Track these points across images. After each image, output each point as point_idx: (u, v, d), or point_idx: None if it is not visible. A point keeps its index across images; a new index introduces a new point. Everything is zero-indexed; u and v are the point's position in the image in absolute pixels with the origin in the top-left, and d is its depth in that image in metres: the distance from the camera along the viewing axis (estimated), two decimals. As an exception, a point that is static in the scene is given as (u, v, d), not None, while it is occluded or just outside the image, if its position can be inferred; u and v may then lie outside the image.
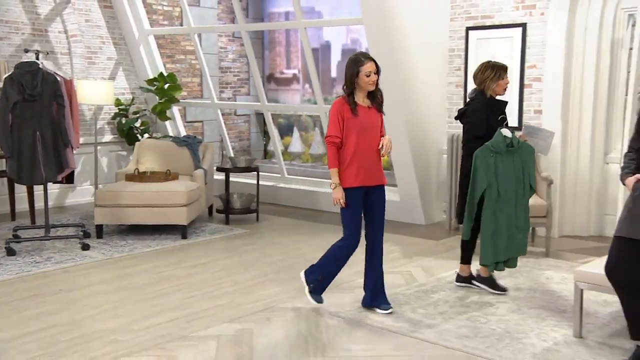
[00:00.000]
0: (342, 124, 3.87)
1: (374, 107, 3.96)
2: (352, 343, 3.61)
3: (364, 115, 3.90)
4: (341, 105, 3.89)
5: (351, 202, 3.95)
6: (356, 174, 3.90)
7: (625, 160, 3.21)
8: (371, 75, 3.83)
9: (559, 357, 3.40)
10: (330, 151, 3.93)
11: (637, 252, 3.06)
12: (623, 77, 5.75)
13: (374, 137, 3.93)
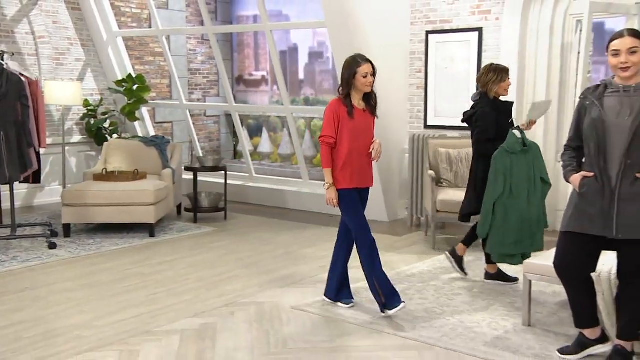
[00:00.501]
0: (337, 124, 3.81)
1: (368, 110, 3.92)
2: (312, 335, 3.64)
3: (359, 117, 3.85)
4: (337, 106, 3.84)
5: (350, 203, 3.89)
6: (351, 176, 3.86)
7: (565, 159, 3.29)
8: (368, 76, 3.79)
9: (507, 345, 3.49)
10: (324, 151, 3.86)
11: (583, 247, 3.15)
12: (573, 79, 5.90)
13: (367, 140, 3.90)
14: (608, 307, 3.39)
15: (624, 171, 2.98)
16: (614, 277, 3.31)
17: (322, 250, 5.57)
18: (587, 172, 3.12)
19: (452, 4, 6.38)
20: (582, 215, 3.10)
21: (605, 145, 3.03)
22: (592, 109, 3.10)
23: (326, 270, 4.94)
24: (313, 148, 9.22)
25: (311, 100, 10.85)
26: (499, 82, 4.43)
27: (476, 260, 5.19)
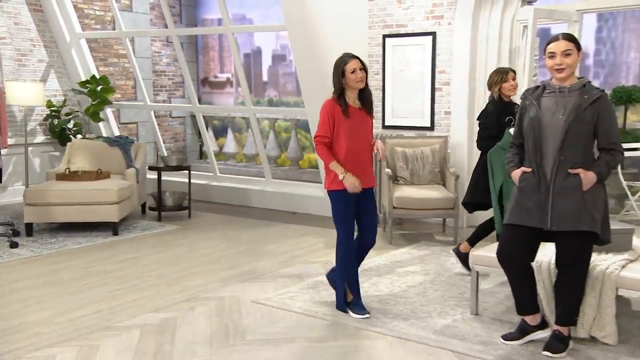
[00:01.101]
0: (332, 124, 3.67)
1: (364, 109, 3.76)
2: (271, 327, 3.67)
3: (355, 116, 3.70)
4: (332, 106, 3.69)
5: (341, 206, 3.74)
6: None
7: (509, 155, 3.40)
8: (356, 71, 3.63)
9: (455, 333, 3.58)
10: (321, 150, 3.70)
11: (523, 238, 3.26)
12: (521, 83, 6.05)
13: (365, 139, 3.74)
14: (548, 295, 3.51)
15: (557, 167, 3.10)
16: (553, 267, 3.43)
17: (284, 247, 5.60)
18: (526, 167, 3.23)
19: (407, 9, 6.48)
20: (521, 209, 3.21)
21: (541, 143, 3.14)
22: (530, 109, 3.21)
23: (287, 265, 5.01)
24: (277, 148, 9.23)
25: (275, 101, 10.87)
26: (501, 83, 4.58)
27: (431, 255, 5.30)
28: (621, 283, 3.35)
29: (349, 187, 3.65)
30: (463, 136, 6.25)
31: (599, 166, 3.10)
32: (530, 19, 5.31)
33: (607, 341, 3.35)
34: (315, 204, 7.07)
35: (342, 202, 3.75)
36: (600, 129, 3.10)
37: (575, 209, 3.07)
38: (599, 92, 3.10)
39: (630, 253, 3.61)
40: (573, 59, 3.09)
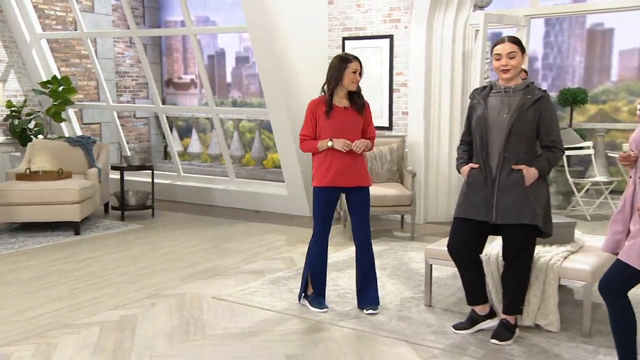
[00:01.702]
0: (314, 124, 3.65)
1: (353, 108, 3.69)
2: (231, 322, 3.67)
3: (339, 116, 3.64)
4: (315, 106, 3.68)
5: (320, 203, 3.71)
6: (325, 173, 3.65)
7: (458, 152, 3.47)
8: (357, 73, 3.61)
9: (410, 323, 3.64)
10: (304, 146, 3.71)
11: (471, 231, 3.34)
12: (474, 83, 6.18)
13: (350, 138, 3.64)
14: (496, 286, 3.60)
15: (502, 163, 3.19)
16: (501, 259, 3.52)
17: (246, 244, 5.59)
18: (474, 164, 3.31)
19: (365, 12, 6.54)
20: (469, 203, 3.29)
21: (487, 140, 3.22)
22: (478, 108, 3.29)
23: (249, 262, 5.00)
24: (241, 148, 9.20)
25: (239, 102, 10.83)
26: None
27: (389, 250, 5.36)
28: (563, 273, 3.46)
29: (340, 147, 3.59)
30: (419, 136, 6.34)
31: (540, 163, 3.20)
32: (481, 23, 5.43)
33: (551, 328, 3.46)
34: (278, 202, 7.08)
35: (320, 199, 3.72)
36: (542, 127, 3.19)
37: (518, 204, 3.16)
38: (541, 92, 3.20)
39: (572, 245, 3.74)
40: (517, 60, 3.18)
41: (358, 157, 3.70)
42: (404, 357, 3.18)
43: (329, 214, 3.76)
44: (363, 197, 3.77)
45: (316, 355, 3.20)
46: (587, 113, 8.12)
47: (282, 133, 6.59)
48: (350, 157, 3.65)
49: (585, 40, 8.44)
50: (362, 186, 3.75)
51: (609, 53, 8.19)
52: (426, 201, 6.44)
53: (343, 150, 3.60)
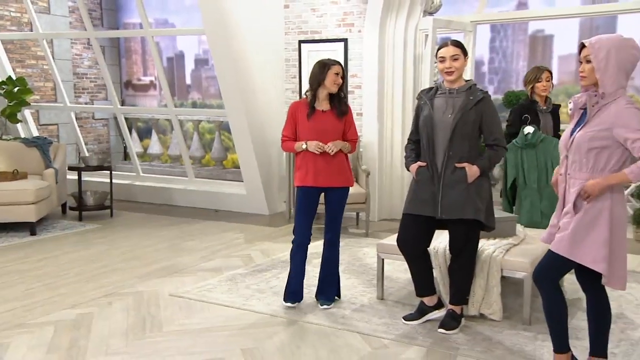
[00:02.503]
0: (294, 125, 3.67)
1: (332, 111, 3.68)
2: (188, 319, 3.64)
3: (318, 118, 3.64)
4: (296, 108, 3.69)
5: (300, 202, 3.70)
6: (305, 175, 3.65)
7: (407, 151, 3.54)
8: (338, 75, 3.61)
9: (362, 316, 3.68)
10: (285, 147, 3.74)
11: (419, 226, 3.40)
12: (424, 86, 6.28)
13: (327, 141, 3.63)
14: (443, 278, 3.68)
15: (447, 161, 3.26)
16: (448, 252, 3.60)
17: (204, 243, 5.55)
18: (421, 162, 3.38)
19: (320, 16, 6.58)
20: (417, 199, 3.36)
21: (433, 139, 3.29)
22: (424, 108, 3.36)
23: (207, 260, 4.96)
24: (201, 149, 9.10)
25: (198, 104, 10.72)
26: (534, 82, 4.36)
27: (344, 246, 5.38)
28: (505, 265, 3.57)
29: (313, 149, 3.61)
30: (374, 136, 6.42)
31: (482, 160, 3.29)
32: (431, 28, 5.53)
33: (494, 317, 3.56)
34: (237, 201, 7.05)
35: (301, 198, 3.70)
36: (484, 127, 3.28)
37: (461, 199, 3.24)
38: (483, 93, 3.29)
39: (514, 238, 3.85)
40: (460, 62, 3.26)
41: (337, 157, 3.68)
42: (356, 347, 3.22)
43: (310, 213, 3.74)
44: (341, 197, 3.77)
45: (271, 348, 3.21)
46: (530, 115, 8.34)
47: (241, 133, 6.57)
48: (328, 158, 3.65)
49: (528, 46, 8.72)
50: (343, 186, 3.74)
51: (549, 58, 8.48)
52: (380, 199, 6.52)
53: (316, 152, 3.62)
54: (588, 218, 2.59)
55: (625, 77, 2.56)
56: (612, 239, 2.57)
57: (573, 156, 2.66)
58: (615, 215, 2.58)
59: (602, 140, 2.55)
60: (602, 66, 2.54)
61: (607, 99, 2.56)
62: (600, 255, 2.56)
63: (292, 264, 3.80)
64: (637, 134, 2.48)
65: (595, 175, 2.59)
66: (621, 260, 2.62)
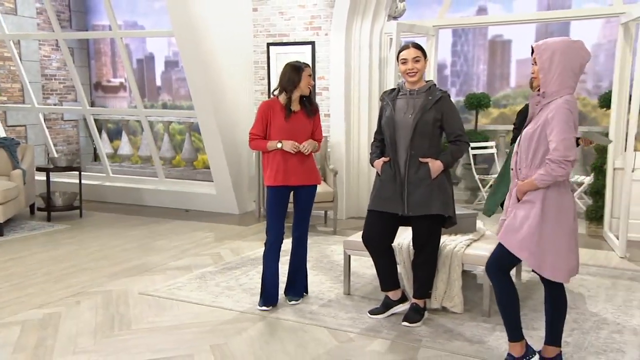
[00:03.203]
0: (265, 124, 3.62)
1: (303, 112, 3.67)
2: (157, 317, 3.59)
3: (292, 119, 3.62)
4: (268, 108, 3.63)
5: (271, 201, 3.66)
6: (276, 174, 3.60)
7: (372, 148, 3.56)
8: (310, 77, 3.64)
9: (329, 311, 3.69)
10: (253, 145, 3.67)
11: (383, 222, 3.43)
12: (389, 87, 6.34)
13: (300, 140, 3.62)
14: (407, 273, 3.72)
15: (409, 160, 3.29)
16: (411, 248, 3.63)
17: (174, 242, 5.48)
18: (385, 158, 3.40)
19: (288, 20, 6.57)
20: (381, 197, 3.38)
21: (395, 139, 3.32)
22: (387, 109, 3.39)
23: (177, 259, 4.90)
24: (172, 150, 8.99)
25: (169, 105, 10.58)
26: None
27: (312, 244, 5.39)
28: (466, 260, 3.62)
29: (289, 148, 3.58)
30: (341, 136, 6.44)
31: (445, 156, 3.33)
32: (394, 32, 5.58)
33: (455, 310, 3.61)
34: (207, 201, 6.99)
35: (272, 198, 3.66)
36: (445, 124, 3.32)
37: (426, 196, 3.28)
38: (441, 92, 3.33)
39: (474, 234, 3.92)
40: (421, 64, 3.30)
41: (307, 157, 3.68)
42: (323, 341, 3.23)
43: (281, 212, 3.69)
44: (309, 195, 3.76)
45: (240, 344, 3.19)
46: (490, 116, 8.54)
47: (211, 134, 6.51)
48: (299, 158, 3.64)
49: (488, 50, 8.90)
50: (311, 184, 3.74)
51: (508, 62, 8.67)
52: (348, 197, 6.55)
53: (292, 152, 3.59)
54: (522, 212, 2.67)
55: (573, 77, 2.62)
56: (543, 231, 2.61)
57: (520, 152, 2.72)
58: (548, 210, 2.62)
59: (539, 138, 2.62)
60: (546, 67, 2.60)
61: (549, 98, 2.62)
62: (525, 244, 2.63)
63: (266, 265, 3.71)
64: (557, 136, 2.53)
65: (532, 171, 2.66)
66: (557, 252, 2.63)
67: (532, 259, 2.65)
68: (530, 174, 2.66)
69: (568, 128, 2.56)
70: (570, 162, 2.56)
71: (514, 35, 8.43)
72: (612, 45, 6.67)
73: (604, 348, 3.13)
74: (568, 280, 2.72)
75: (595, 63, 7.76)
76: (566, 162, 2.55)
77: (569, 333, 3.28)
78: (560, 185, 2.64)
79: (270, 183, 3.64)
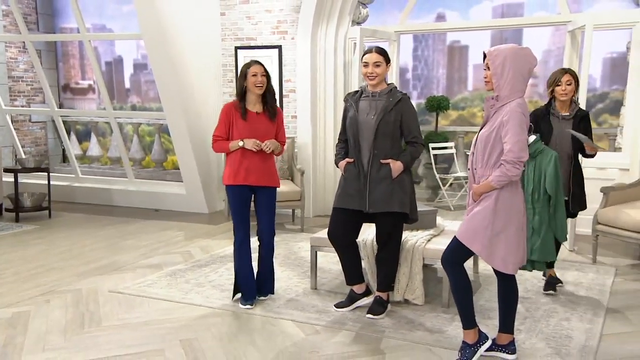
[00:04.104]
0: (227, 126, 3.56)
1: (265, 114, 3.61)
2: (127, 314, 3.55)
3: (252, 120, 3.56)
4: (229, 109, 3.57)
5: (232, 200, 3.61)
6: (237, 172, 3.55)
7: (337, 149, 3.59)
8: (257, 75, 3.52)
9: (296, 305, 3.71)
10: (216, 147, 3.61)
11: (347, 219, 3.47)
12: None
13: (262, 141, 3.56)
14: (371, 267, 3.77)
15: (372, 159, 3.34)
16: (375, 243, 3.68)
17: (144, 241, 5.41)
18: (349, 159, 3.45)
19: (255, 24, 6.57)
20: (346, 194, 3.42)
21: (359, 139, 3.37)
22: (350, 110, 3.43)
23: (146, 257, 4.85)
24: (141, 151, 8.86)
25: (138, 107, 10.42)
26: (554, 85, 3.76)
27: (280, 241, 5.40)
28: (427, 254, 3.69)
29: (251, 146, 3.53)
30: (308, 137, 6.47)
31: (404, 156, 3.39)
32: (358, 37, 5.64)
33: (417, 302, 3.68)
34: (177, 201, 6.92)
35: (232, 196, 3.61)
36: (404, 126, 3.38)
37: (387, 194, 3.33)
38: (401, 95, 3.39)
39: (434, 230, 4.00)
40: (382, 69, 3.35)
41: (268, 158, 3.63)
42: (290, 334, 3.25)
43: (244, 211, 3.63)
44: (270, 198, 3.69)
45: (210, 339, 3.18)
46: (450, 118, 8.71)
47: (180, 135, 6.45)
48: (260, 158, 3.58)
49: (446, 55, 9.07)
50: (270, 186, 3.67)
51: (465, 66, 8.86)
52: (315, 196, 6.58)
53: (253, 150, 3.54)
54: (477, 208, 2.77)
55: (523, 81, 2.72)
56: (495, 226, 2.71)
57: (476, 153, 2.81)
58: (500, 207, 2.71)
59: (494, 139, 2.71)
60: (499, 72, 2.69)
61: (503, 101, 2.72)
62: (478, 238, 2.73)
63: (238, 263, 3.66)
64: (512, 138, 2.62)
65: (488, 170, 2.74)
66: (507, 245, 2.73)
67: (484, 252, 2.74)
68: (486, 173, 2.75)
69: (521, 130, 2.65)
70: (523, 162, 2.66)
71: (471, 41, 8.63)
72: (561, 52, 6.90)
73: (554, 335, 3.24)
74: (516, 271, 2.81)
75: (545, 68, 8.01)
76: (520, 162, 2.64)
77: (521, 321, 3.38)
78: (512, 185, 2.74)
79: (228, 182, 3.58)
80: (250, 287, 3.70)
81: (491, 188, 2.71)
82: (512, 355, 2.93)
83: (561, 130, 3.80)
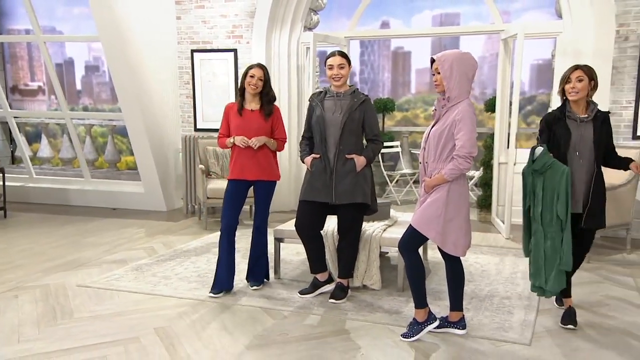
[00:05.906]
0: (228, 124, 3.70)
1: (260, 112, 3.69)
2: (98, 306, 3.50)
3: (247, 117, 3.66)
4: (229, 108, 3.73)
5: (226, 190, 3.71)
6: (234, 167, 3.66)
7: (301, 146, 3.69)
8: (254, 77, 3.61)
9: (262, 294, 3.77)
10: (220, 142, 3.73)
11: (313, 211, 3.56)
12: (307, 92, 6.49)
13: (252, 137, 3.64)
14: (333, 256, 3.88)
15: (338, 154, 3.46)
16: (336, 234, 3.80)
17: (105, 238, 5.30)
18: (315, 154, 3.55)
19: (211, 28, 6.54)
20: (312, 188, 3.52)
21: (325, 136, 3.48)
22: (316, 109, 3.53)
23: (110, 253, 4.76)
24: (94, 152, 8.58)
25: (90, 109, 10.09)
26: (563, 84, 3.15)
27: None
28: (383, 242, 3.85)
29: (239, 142, 3.63)
30: (263, 137, 6.50)
31: (367, 152, 3.53)
32: (311, 42, 5.75)
33: (374, 287, 3.83)
34: (135, 199, 6.79)
35: (229, 190, 3.71)
36: (366, 124, 3.52)
37: (351, 186, 3.46)
38: (364, 96, 3.54)
39: (389, 220, 4.16)
40: (346, 70, 3.48)
41: (264, 153, 3.70)
42: (260, 320, 3.31)
43: (235, 203, 3.71)
44: (264, 190, 3.77)
45: (182, 326, 3.20)
46: (395, 118, 8.99)
47: (138, 135, 6.34)
48: (252, 153, 3.66)
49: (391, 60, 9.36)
50: (268, 180, 3.76)
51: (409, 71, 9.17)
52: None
53: (241, 146, 3.63)
54: (430, 199, 2.95)
55: (468, 82, 2.92)
56: (447, 215, 2.90)
57: (428, 148, 2.98)
58: (451, 197, 2.91)
59: (446, 135, 2.89)
60: (448, 75, 2.88)
61: (453, 101, 2.91)
62: (432, 225, 2.91)
63: (219, 251, 3.73)
64: (465, 135, 2.81)
65: (439, 164, 2.92)
66: (457, 231, 2.93)
67: (438, 238, 2.91)
68: (438, 166, 2.92)
69: (473, 128, 2.85)
70: (474, 157, 2.86)
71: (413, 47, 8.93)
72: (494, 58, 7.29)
73: (497, 311, 3.47)
74: (465, 254, 3.01)
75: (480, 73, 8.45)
76: (471, 157, 2.84)
77: (468, 301, 3.60)
78: (460, 178, 2.93)
79: (228, 177, 3.73)
80: (220, 277, 3.74)
81: (444, 181, 2.89)
82: (463, 330, 3.12)
83: (581, 135, 3.11)
